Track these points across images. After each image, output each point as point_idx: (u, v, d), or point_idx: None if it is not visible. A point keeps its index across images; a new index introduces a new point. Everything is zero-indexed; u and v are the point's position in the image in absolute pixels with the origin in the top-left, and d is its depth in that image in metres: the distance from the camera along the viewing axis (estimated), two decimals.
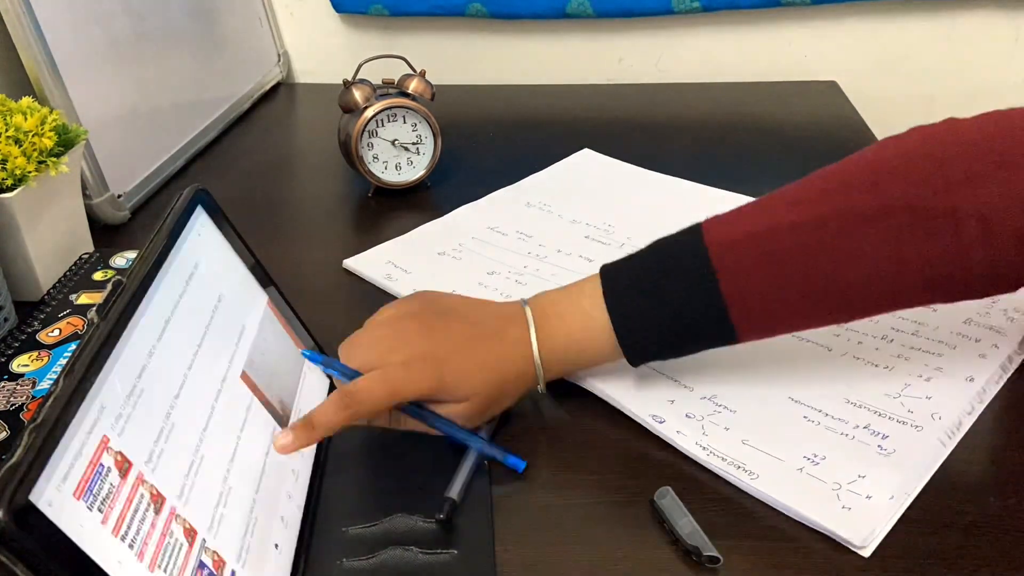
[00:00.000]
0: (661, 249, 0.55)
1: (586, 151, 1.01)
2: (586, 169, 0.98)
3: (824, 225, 0.50)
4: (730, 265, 0.52)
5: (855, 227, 0.50)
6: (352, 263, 0.80)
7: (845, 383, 0.62)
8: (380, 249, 0.82)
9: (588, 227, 0.85)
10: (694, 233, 0.54)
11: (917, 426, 0.58)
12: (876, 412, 0.59)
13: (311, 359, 0.54)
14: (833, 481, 0.54)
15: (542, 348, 0.55)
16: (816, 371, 0.63)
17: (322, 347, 0.62)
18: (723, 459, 0.55)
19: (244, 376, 0.51)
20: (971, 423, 0.59)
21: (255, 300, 0.56)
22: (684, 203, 0.88)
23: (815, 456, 0.55)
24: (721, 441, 0.57)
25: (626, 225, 0.84)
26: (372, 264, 0.80)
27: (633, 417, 0.59)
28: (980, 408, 0.60)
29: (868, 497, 0.52)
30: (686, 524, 0.50)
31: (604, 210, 0.87)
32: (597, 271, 0.57)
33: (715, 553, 0.49)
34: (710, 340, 0.55)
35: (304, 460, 0.54)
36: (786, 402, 0.60)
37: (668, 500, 0.52)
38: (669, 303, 0.53)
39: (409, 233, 0.85)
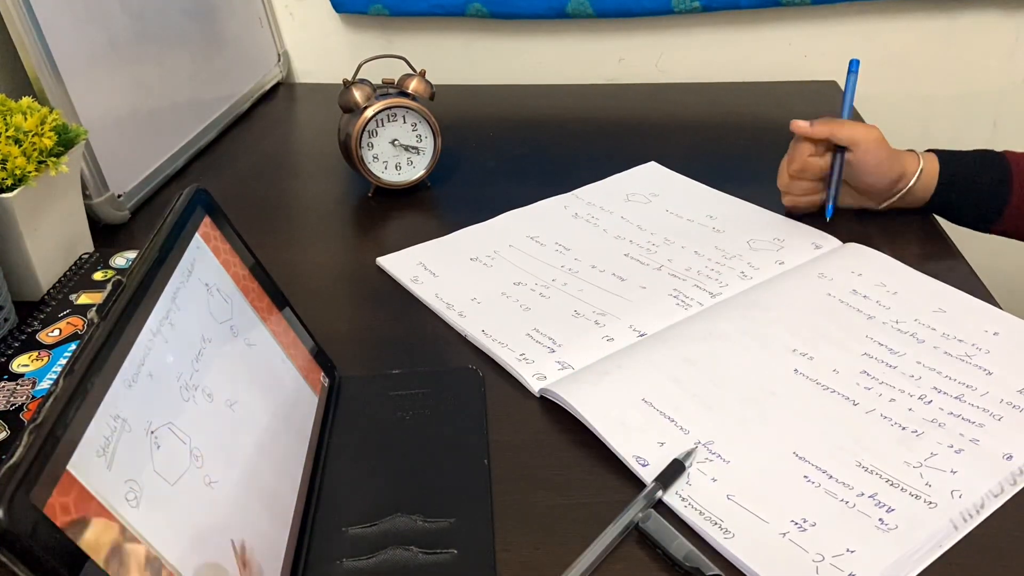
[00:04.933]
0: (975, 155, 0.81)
1: (652, 164, 0.97)
2: (648, 184, 0.93)
3: None
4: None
5: None
6: (384, 261, 0.80)
7: (861, 444, 0.56)
8: (415, 249, 0.81)
9: (631, 244, 0.81)
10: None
11: (931, 502, 0.52)
12: (888, 480, 0.53)
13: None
14: (816, 552, 0.49)
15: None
16: (833, 426, 0.58)
17: (322, 347, 0.62)
18: (700, 512, 0.52)
19: (242, 374, 0.51)
20: (996, 507, 0.52)
21: (254, 301, 0.56)
22: (740, 226, 0.83)
23: (804, 521, 0.51)
24: (703, 493, 0.53)
25: (670, 246, 0.81)
26: (403, 264, 0.79)
27: (616, 455, 0.56)
28: (1012, 491, 0.53)
29: (851, 575, 0.47)
30: (680, 546, 0.49)
31: (652, 228, 0.84)
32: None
33: (717, 572, 0.47)
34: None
35: (302, 460, 0.54)
36: (789, 458, 0.55)
37: (653, 522, 0.51)
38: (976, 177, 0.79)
39: (449, 235, 0.84)
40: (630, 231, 0.84)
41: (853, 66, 0.84)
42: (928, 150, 0.81)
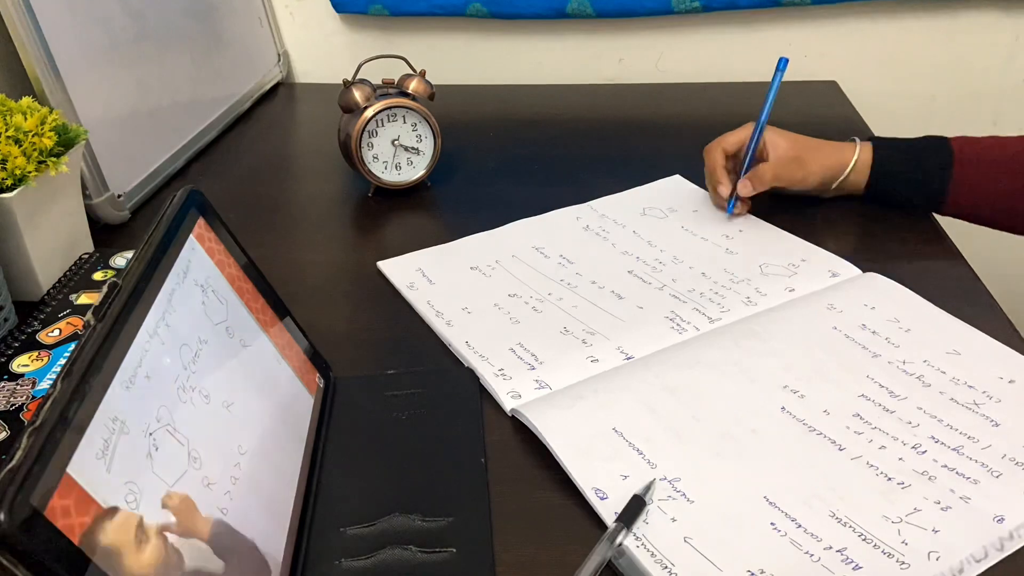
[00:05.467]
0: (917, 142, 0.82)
1: (677, 178, 0.94)
2: (668, 198, 0.90)
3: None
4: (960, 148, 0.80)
5: None
6: (384, 266, 0.79)
7: (839, 493, 0.52)
8: (416, 255, 0.80)
9: (637, 261, 0.78)
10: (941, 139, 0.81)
11: (904, 563, 0.47)
12: (861, 535, 0.49)
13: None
14: None
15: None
16: (812, 472, 0.54)
17: (316, 348, 0.63)
18: (652, 555, 0.49)
19: (238, 375, 0.51)
20: (976, 573, 0.47)
21: (248, 302, 0.56)
22: (756, 248, 0.80)
23: (761, 572, 0.47)
24: (660, 534, 0.50)
25: (677, 265, 0.78)
26: (401, 270, 0.78)
27: (575, 484, 0.54)
28: (997, 557, 0.48)
29: None
30: None
31: (663, 245, 0.81)
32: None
33: None
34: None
35: (299, 461, 0.54)
36: (759, 501, 0.52)
37: (625, 560, 0.49)
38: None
39: (453, 242, 0.83)
40: (639, 247, 0.81)
41: (781, 64, 0.83)
42: (870, 138, 0.83)
